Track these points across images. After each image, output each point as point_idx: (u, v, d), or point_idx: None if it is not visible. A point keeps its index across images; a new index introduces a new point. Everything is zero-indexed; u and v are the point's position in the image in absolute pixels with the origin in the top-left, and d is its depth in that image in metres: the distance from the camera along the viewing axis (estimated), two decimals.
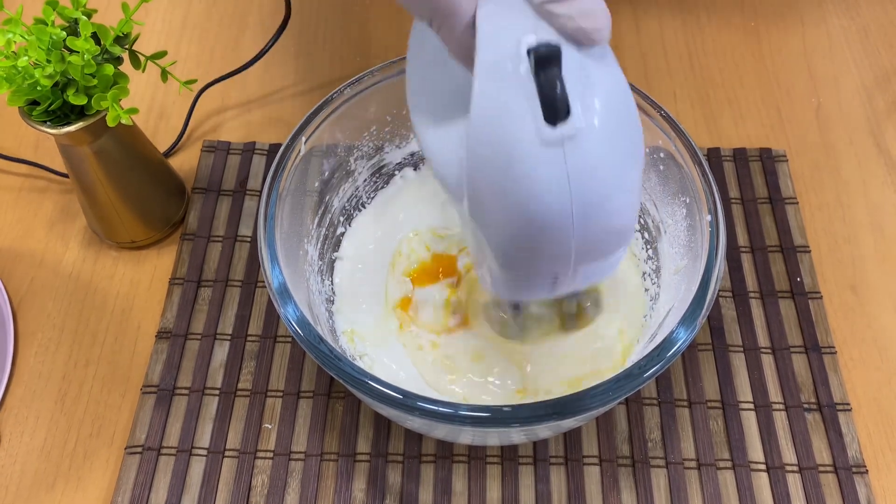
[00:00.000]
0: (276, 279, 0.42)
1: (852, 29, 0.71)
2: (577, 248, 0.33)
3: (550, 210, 0.31)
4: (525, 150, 0.30)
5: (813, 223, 0.59)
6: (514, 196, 0.31)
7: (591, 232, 0.32)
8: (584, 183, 0.31)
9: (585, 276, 0.36)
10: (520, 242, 0.33)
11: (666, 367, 0.39)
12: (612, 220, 0.33)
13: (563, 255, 0.33)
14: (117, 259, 0.58)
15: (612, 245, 0.34)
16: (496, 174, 0.32)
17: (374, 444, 0.50)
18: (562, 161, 0.30)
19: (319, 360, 0.40)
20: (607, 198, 0.32)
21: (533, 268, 0.35)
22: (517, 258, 0.35)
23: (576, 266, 0.34)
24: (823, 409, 0.51)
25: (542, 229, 0.32)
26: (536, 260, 0.34)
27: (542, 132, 0.30)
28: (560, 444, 0.49)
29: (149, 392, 0.52)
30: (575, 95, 0.30)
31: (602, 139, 0.30)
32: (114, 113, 0.46)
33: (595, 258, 0.35)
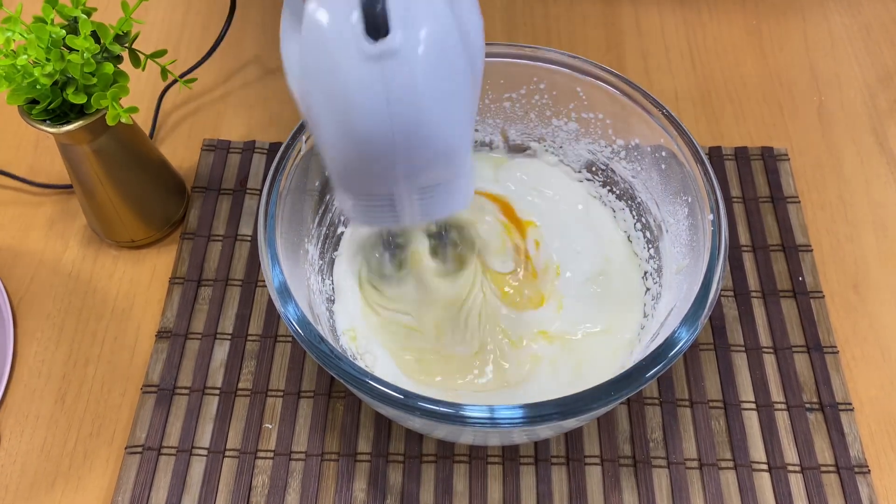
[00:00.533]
0: (277, 279, 0.42)
1: (854, 27, 0.71)
2: (403, 168, 0.33)
3: (370, 125, 0.31)
4: (346, 63, 0.30)
5: (815, 222, 0.59)
6: (337, 108, 0.32)
7: (414, 151, 0.32)
8: (403, 101, 0.31)
9: (427, 203, 0.37)
10: (347, 157, 0.33)
11: (668, 367, 0.39)
12: (434, 140, 0.32)
13: (390, 173, 0.33)
14: (117, 258, 0.58)
15: (439, 168, 0.34)
16: (321, 85, 0.32)
17: (374, 444, 0.49)
18: (380, 77, 0.30)
19: (320, 360, 0.39)
20: (427, 118, 0.32)
21: (363, 185, 0.36)
22: (346, 174, 0.35)
23: (407, 186, 0.35)
24: (825, 409, 0.51)
25: (363, 143, 0.32)
26: (365, 177, 0.35)
27: (362, 46, 0.30)
28: (561, 444, 0.49)
29: (149, 391, 0.52)
30: (398, 13, 0.30)
31: (422, 58, 0.30)
32: (113, 112, 0.46)
33: (426, 179, 0.35)
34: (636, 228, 0.52)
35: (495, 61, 0.50)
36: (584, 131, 0.52)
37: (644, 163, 0.49)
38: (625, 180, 0.52)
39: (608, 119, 0.50)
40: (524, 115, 0.53)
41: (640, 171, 0.50)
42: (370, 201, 0.37)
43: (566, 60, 0.48)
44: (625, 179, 0.52)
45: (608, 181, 0.53)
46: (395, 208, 0.37)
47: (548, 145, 0.54)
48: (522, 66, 0.50)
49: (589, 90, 0.49)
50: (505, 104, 0.53)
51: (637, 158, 0.50)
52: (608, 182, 0.54)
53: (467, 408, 0.37)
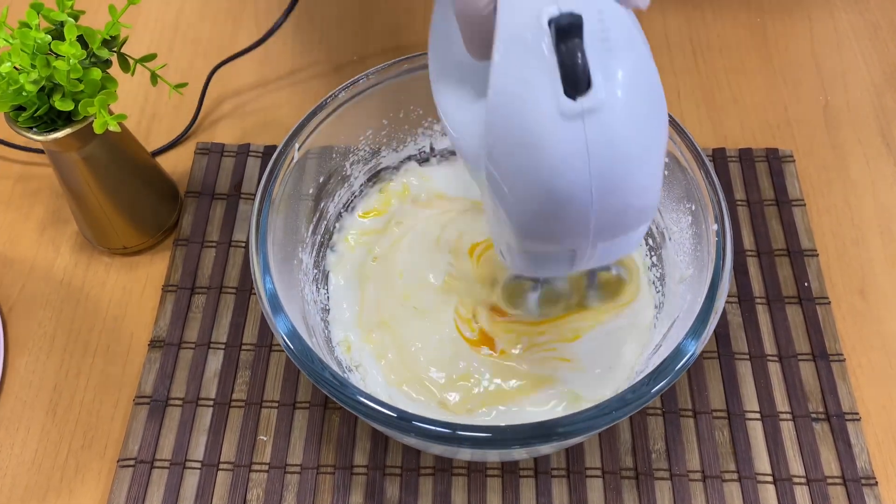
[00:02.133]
0: (268, 289, 0.41)
1: (861, 24, 0.69)
2: (595, 224, 0.32)
3: (569, 185, 0.30)
4: (544, 125, 0.30)
5: (820, 226, 0.58)
6: (532, 171, 0.31)
7: (610, 208, 0.31)
8: (604, 158, 0.30)
9: (604, 252, 0.36)
10: (538, 217, 0.33)
11: (672, 382, 0.38)
12: (633, 197, 0.32)
13: (582, 231, 0.32)
14: (109, 265, 0.57)
15: (631, 222, 0.33)
16: (515, 149, 0.31)
17: (371, 457, 0.49)
18: (581, 135, 0.29)
19: (310, 376, 0.38)
20: (628, 174, 0.31)
21: (551, 243, 0.35)
22: (535, 233, 0.34)
23: (594, 242, 0.34)
24: (832, 419, 0.50)
25: (560, 204, 0.31)
26: (554, 235, 0.34)
27: (562, 105, 0.29)
28: (562, 457, 0.48)
29: (142, 403, 0.51)
30: (596, 67, 0.29)
31: (624, 113, 0.29)
32: (101, 119, 0.45)
33: (615, 234, 0.34)
34: None
35: None
36: None
37: None
38: None
39: None
40: None
41: None
42: (549, 254, 0.36)
43: None
44: None
45: None
46: (574, 258, 0.36)
47: None
48: None
49: None
50: None
51: None
52: None
53: (464, 428, 0.36)
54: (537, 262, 0.37)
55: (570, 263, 0.36)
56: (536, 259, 0.37)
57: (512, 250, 0.38)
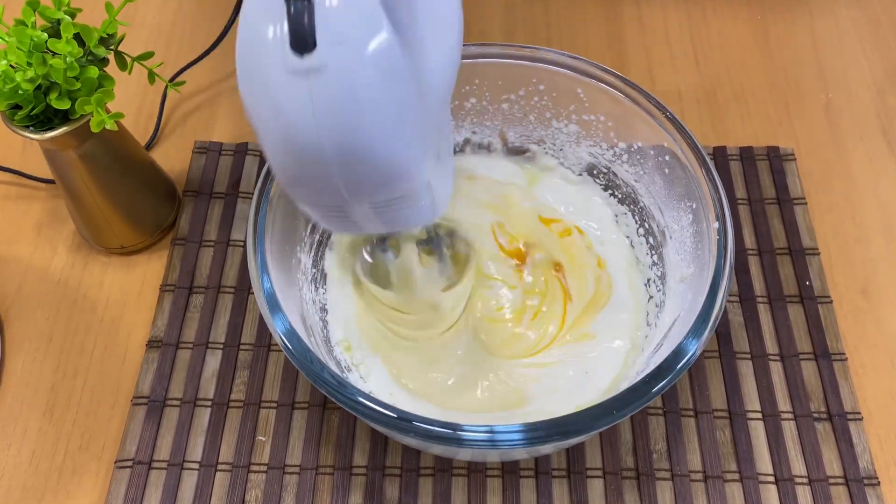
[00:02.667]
0: (266, 289, 0.40)
1: (863, 21, 0.69)
2: (344, 184, 0.32)
3: (300, 142, 0.30)
4: (272, 76, 0.29)
5: (822, 224, 0.58)
6: (269, 122, 0.31)
7: (346, 164, 0.31)
8: (331, 118, 0.29)
9: (388, 215, 0.35)
10: (287, 167, 0.32)
11: (674, 381, 0.38)
12: (374, 162, 0.31)
13: (330, 185, 0.32)
14: (107, 265, 0.57)
15: (382, 181, 0.33)
16: (255, 99, 0.31)
17: (370, 457, 0.48)
18: (307, 95, 0.29)
19: (309, 376, 0.38)
20: (362, 140, 0.30)
21: (309, 196, 0.35)
22: (291, 185, 0.34)
23: (353, 199, 0.33)
24: (834, 419, 0.49)
25: (297, 154, 0.31)
26: (309, 190, 0.34)
27: (287, 60, 0.29)
28: (563, 457, 0.48)
29: (139, 403, 0.50)
30: (327, 28, 0.28)
31: (351, 78, 0.29)
32: (98, 118, 0.45)
33: (372, 193, 0.33)
34: (639, 234, 0.51)
35: (493, 62, 0.48)
36: (585, 133, 0.50)
37: (647, 166, 0.48)
38: (627, 184, 0.50)
39: (610, 121, 0.48)
40: (523, 116, 0.51)
41: (642, 175, 0.49)
42: (326, 212, 0.36)
43: (566, 61, 0.47)
44: (627, 183, 0.50)
45: (610, 184, 0.52)
46: (348, 217, 0.36)
47: (547, 148, 0.53)
48: (521, 67, 0.48)
49: (590, 91, 0.47)
50: (503, 106, 0.51)
51: (640, 162, 0.49)
52: (610, 185, 0.52)
53: (465, 428, 0.35)
54: (323, 217, 0.37)
55: (351, 222, 0.36)
56: (316, 213, 0.37)
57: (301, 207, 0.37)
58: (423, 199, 0.35)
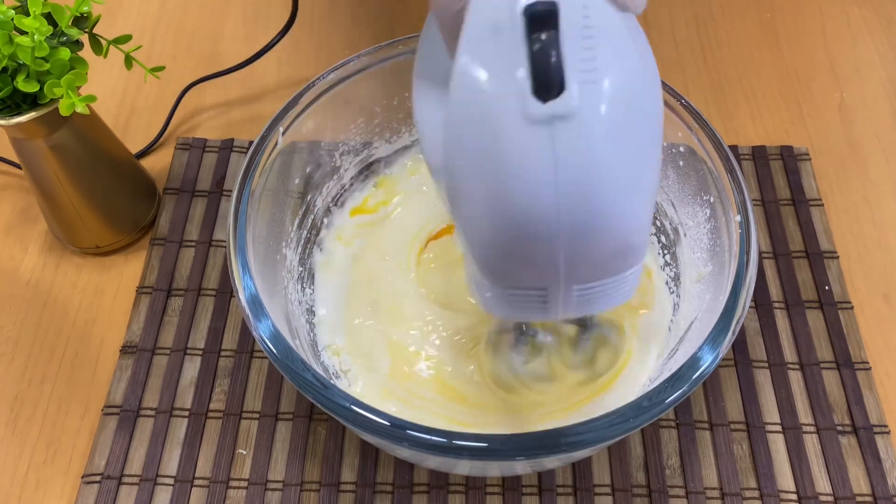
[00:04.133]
0: (248, 290, 0.37)
1: (875, 20, 0.66)
2: (566, 259, 0.27)
3: (531, 201, 0.26)
4: (507, 127, 0.25)
5: (840, 226, 0.55)
6: (490, 182, 0.26)
7: (582, 239, 0.27)
8: (575, 174, 0.25)
9: (586, 299, 0.31)
10: (497, 241, 0.28)
11: (691, 391, 0.34)
12: (611, 228, 0.27)
13: (550, 264, 0.28)
14: (81, 266, 0.53)
15: (610, 261, 0.29)
16: (472, 154, 0.27)
17: (360, 473, 0.44)
18: (549, 144, 0.25)
19: (295, 382, 0.35)
20: (604, 198, 0.26)
21: (515, 276, 0.30)
22: (496, 260, 0.29)
23: (567, 281, 0.29)
24: (859, 432, 0.46)
25: (521, 225, 0.27)
26: (518, 265, 0.29)
27: (529, 107, 0.25)
28: (568, 473, 0.44)
29: (110, 413, 0.46)
30: (573, 67, 0.24)
31: (602, 124, 0.25)
32: (68, 101, 0.41)
33: (591, 276, 0.29)
34: (650, 232, 0.47)
35: None
36: None
37: None
38: None
39: None
40: None
41: None
42: (516, 295, 0.31)
43: None
44: None
45: None
46: (545, 302, 0.31)
47: None
48: None
49: None
50: None
51: None
52: None
53: (462, 437, 0.32)
54: (505, 300, 0.32)
55: (542, 307, 0.31)
56: (503, 295, 0.31)
57: (477, 282, 0.32)
58: (634, 276, 0.31)
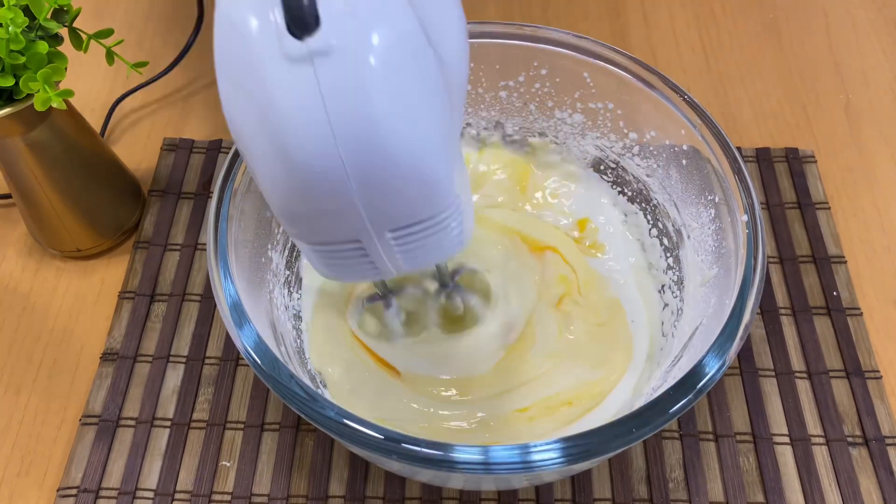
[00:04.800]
0: (229, 297, 0.35)
1: (880, 21, 0.65)
2: (362, 200, 0.26)
3: (310, 143, 0.25)
4: (271, 70, 0.24)
5: (847, 230, 0.53)
6: (265, 130, 0.25)
7: (370, 175, 0.26)
8: (346, 109, 0.24)
9: (409, 250, 0.30)
10: (292, 194, 0.27)
11: (696, 400, 0.32)
12: (397, 162, 0.26)
13: (349, 209, 0.27)
14: (61, 270, 0.51)
15: (411, 200, 0.28)
16: (243, 103, 0.25)
17: (349, 486, 0.42)
18: (313, 81, 0.24)
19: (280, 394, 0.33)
20: (382, 129, 0.25)
21: (322, 230, 0.29)
22: (298, 217, 0.28)
23: (376, 228, 0.28)
24: (870, 444, 0.44)
25: (306, 170, 0.25)
26: (319, 217, 0.28)
27: (286, 46, 0.24)
28: (567, 487, 0.42)
29: (89, 423, 0.44)
30: (328, 2, 0.24)
31: (368, 57, 0.24)
32: (43, 96, 0.39)
33: (398, 217, 0.28)
34: (651, 235, 0.46)
35: (490, 43, 0.43)
36: (592, 124, 0.45)
37: (661, 159, 0.43)
38: (638, 180, 0.45)
39: (619, 109, 0.44)
40: (523, 106, 0.46)
41: (656, 169, 0.44)
42: (336, 252, 0.30)
43: (571, 41, 0.42)
44: (638, 179, 0.45)
45: (618, 181, 0.47)
46: (367, 257, 0.30)
47: (549, 141, 0.48)
48: (521, 48, 0.43)
49: (597, 75, 0.43)
50: (501, 94, 0.46)
51: (653, 154, 0.44)
52: (618, 182, 0.47)
53: (457, 450, 0.30)
54: (331, 262, 0.31)
55: (369, 262, 0.30)
56: (326, 256, 0.31)
57: (304, 251, 0.31)
58: (453, 221, 0.30)
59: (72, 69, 0.43)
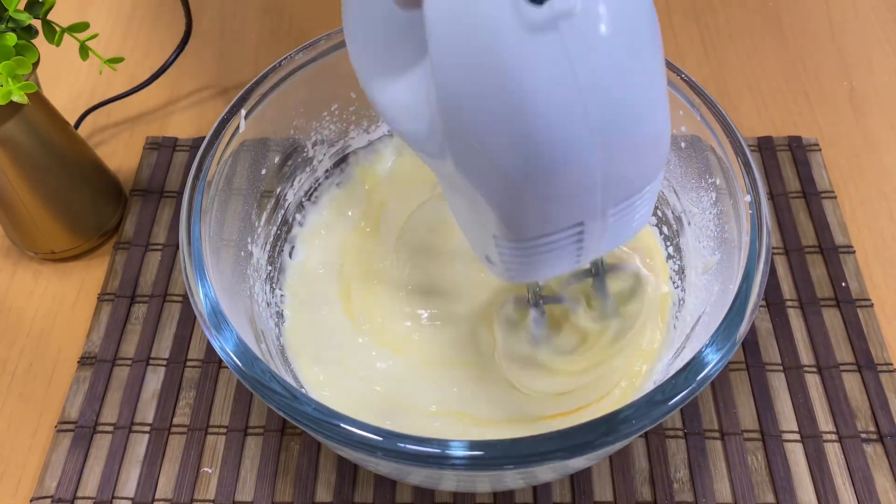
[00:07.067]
0: (207, 299, 0.33)
1: (883, 7, 0.63)
2: (603, 170, 0.25)
3: (559, 114, 0.23)
4: (510, 45, 0.22)
5: (855, 219, 0.51)
6: (507, 112, 0.23)
7: (617, 141, 0.25)
8: (595, 72, 0.23)
9: (616, 226, 0.28)
10: (529, 177, 0.25)
11: (697, 392, 0.30)
12: (642, 122, 0.25)
13: (589, 183, 0.25)
14: (39, 272, 0.49)
15: (643, 164, 0.27)
16: (476, 91, 0.24)
17: (337, 491, 0.40)
18: (560, 47, 0.22)
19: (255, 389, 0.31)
20: (629, 90, 0.24)
21: (551, 214, 0.27)
22: (529, 207, 0.26)
23: (604, 203, 0.27)
24: (885, 440, 0.42)
25: (554, 144, 0.24)
26: (555, 198, 0.26)
27: (527, 14, 0.22)
28: (566, 488, 0.40)
29: (65, 430, 0.43)
30: None
31: (608, 14, 0.23)
32: (6, 89, 0.38)
33: (627, 187, 0.27)
34: (650, 223, 0.44)
35: None
36: None
37: None
38: None
39: None
40: None
41: None
42: (547, 245, 0.28)
43: None
44: None
45: None
46: (580, 243, 0.28)
47: None
48: None
49: None
50: None
51: None
52: None
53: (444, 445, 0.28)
54: (535, 259, 0.29)
55: (577, 250, 0.29)
56: (534, 254, 0.29)
57: (501, 249, 0.29)
58: (654, 191, 0.29)
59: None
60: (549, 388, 0.39)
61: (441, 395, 0.39)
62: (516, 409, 0.39)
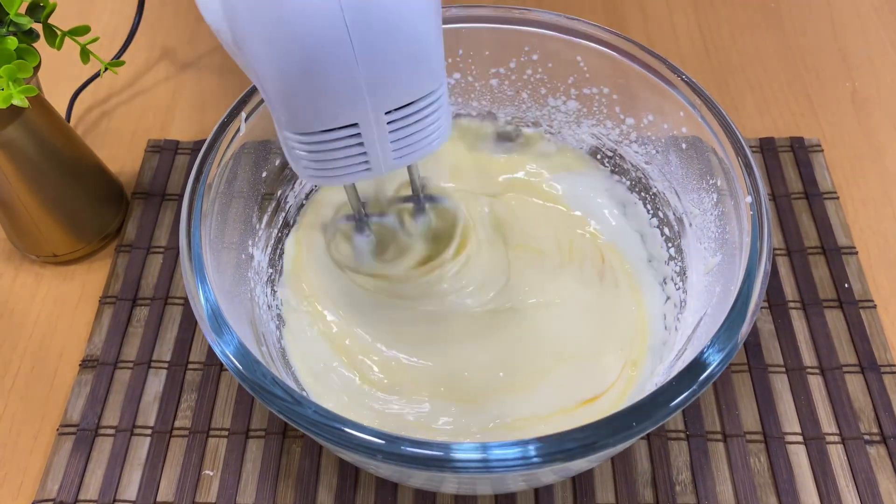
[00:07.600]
0: (207, 302, 0.32)
1: (885, 7, 0.63)
2: (365, 71, 0.28)
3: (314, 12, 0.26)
4: None
5: (857, 220, 0.51)
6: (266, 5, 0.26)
7: (374, 47, 0.27)
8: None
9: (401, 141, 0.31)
10: (291, 66, 0.28)
11: (699, 393, 0.30)
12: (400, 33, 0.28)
13: (351, 85, 0.28)
14: (41, 275, 0.49)
15: (408, 73, 0.29)
16: None
17: (338, 494, 0.40)
18: None
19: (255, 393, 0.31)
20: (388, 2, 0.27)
21: (320, 110, 0.29)
22: (297, 95, 0.29)
23: (375, 104, 0.29)
24: (889, 441, 0.42)
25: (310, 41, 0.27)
26: (319, 96, 0.29)
27: None
28: (568, 491, 0.40)
29: (66, 433, 0.43)
30: None
31: None
32: (6, 93, 0.38)
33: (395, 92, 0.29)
34: (652, 225, 0.44)
35: (479, 28, 0.42)
36: (587, 111, 0.44)
37: (660, 144, 0.41)
38: (636, 168, 0.43)
39: (615, 94, 0.42)
40: (515, 94, 0.45)
41: (655, 155, 0.42)
42: (330, 143, 0.31)
43: (563, 23, 0.40)
44: (636, 167, 0.43)
45: (616, 170, 0.45)
46: (361, 147, 0.31)
47: (544, 130, 0.46)
48: (511, 32, 0.41)
49: (591, 58, 0.41)
50: (492, 81, 0.44)
51: (651, 140, 0.42)
52: (616, 171, 0.45)
53: (446, 448, 0.28)
54: (326, 161, 0.32)
55: (363, 156, 0.31)
56: (321, 151, 0.31)
57: (290, 143, 0.32)
58: (441, 107, 0.31)
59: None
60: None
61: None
62: (517, 410, 0.39)
